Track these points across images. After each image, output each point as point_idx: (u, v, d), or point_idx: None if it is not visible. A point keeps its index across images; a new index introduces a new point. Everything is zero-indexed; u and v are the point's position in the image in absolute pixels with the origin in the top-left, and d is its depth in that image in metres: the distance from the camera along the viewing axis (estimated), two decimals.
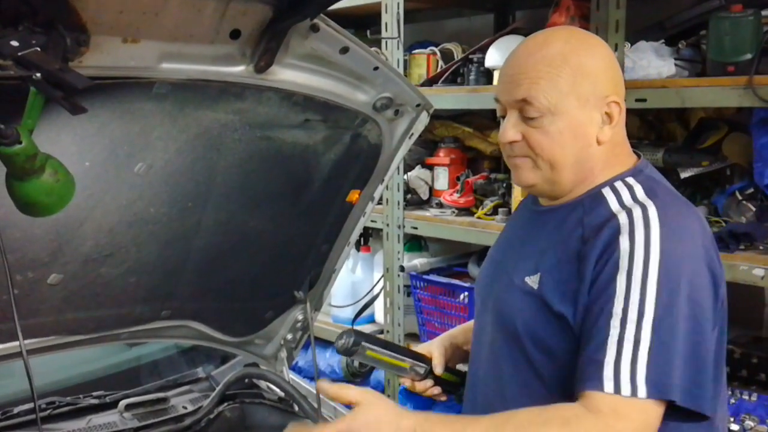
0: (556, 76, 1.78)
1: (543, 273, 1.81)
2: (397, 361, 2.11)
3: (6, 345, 2.23)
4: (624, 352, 1.63)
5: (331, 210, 2.53)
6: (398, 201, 4.07)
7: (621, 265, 1.67)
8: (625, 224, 1.72)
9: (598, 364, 1.64)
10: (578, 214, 1.83)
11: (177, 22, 1.65)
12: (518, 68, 1.83)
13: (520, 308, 1.84)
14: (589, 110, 1.80)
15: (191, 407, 2.67)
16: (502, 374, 1.90)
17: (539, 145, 1.81)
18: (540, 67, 1.79)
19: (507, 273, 1.93)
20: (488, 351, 1.97)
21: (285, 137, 2.19)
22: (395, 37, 3.91)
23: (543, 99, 1.78)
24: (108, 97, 1.79)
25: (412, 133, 2.42)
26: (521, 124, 1.82)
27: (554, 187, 1.87)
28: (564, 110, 1.78)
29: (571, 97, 1.78)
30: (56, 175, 1.58)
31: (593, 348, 1.66)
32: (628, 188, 1.82)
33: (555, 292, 1.77)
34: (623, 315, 1.65)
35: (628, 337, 1.63)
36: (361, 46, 2.01)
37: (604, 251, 1.71)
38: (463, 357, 2.24)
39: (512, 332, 1.85)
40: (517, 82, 1.81)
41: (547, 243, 1.86)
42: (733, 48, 2.89)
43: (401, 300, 4.16)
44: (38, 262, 2.10)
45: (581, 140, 1.82)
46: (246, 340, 2.83)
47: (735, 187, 3.19)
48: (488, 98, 3.66)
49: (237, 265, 2.51)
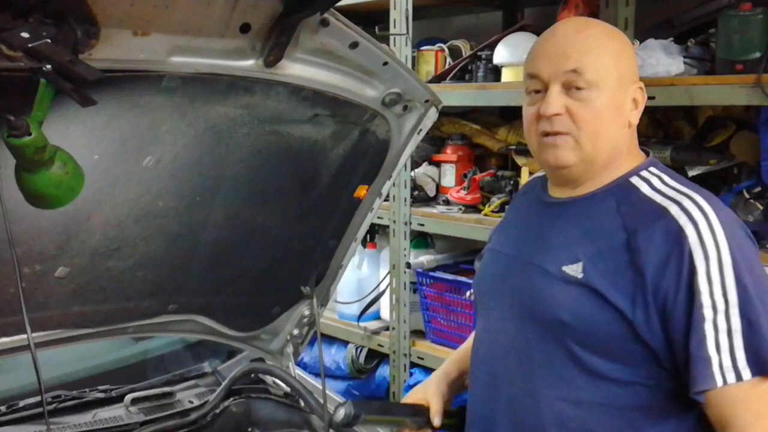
0: (603, 52, 1.81)
1: (585, 262, 1.79)
2: (395, 419, 2.14)
3: (13, 338, 2.24)
4: (721, 343, 1.66)
5: (338, 205, 2.53)
6: (405, 198, 4.06)
7: (696, 259, 1.68)
8: (681, 216, 1.72)
9: (705, 361, 1.67)
10: (610, 203, 1.83)
11: (187, 16, 1.65)
12: (565, 43, 1.84)
13: (563, 298, 1.81)
14: (625, 91, 1.84)
15: (197, 402, 2.67)
16: (533, 370, 1.87)
17: (584, 118, 1.80)
18: (589, 42, 1.82)
19: (533, 265, 1.90)
20: (512, 349, 1.92)
21: (294, 132, 2.19)
22: (404, 33, 3.90)
23: (593, 70, 1.79)
24: (117, 91, 1.79)
25: (421, 129, 2.41)
26: (565, 98, 1.81)
27: (588, 168, 1.85)
28: (608, 87, 1.80)
29: (614, 76, 1.81)
30: (65, 167, 1.59)
31: (695, 346, 1.68)
32: (656, 177, 1.84)
33: (604, 281, 1.76)
34: (713, 307, 1.67)
35: (722, 328, 1.66)
36: (370, 41, 2.01)
37: (671, 248, 1.70)
38: (461, 389, 2.24)
39: (552, 324, 1.82)
40: (566, 54, 1.81)
41: (580, 233, 1.85)
42: (742, 46, 2.88)
43: (407, 297, 4.15)
44: (46, 255, 2.10)
45: (619, 119, 1.84)
46: (252, 335, 2.84)
47: (742, 185, 3.17)
48: (496, 95, 3.67)
49: (244, 260, 2.51)
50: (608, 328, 1.75)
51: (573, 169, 1.86)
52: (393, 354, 4.22)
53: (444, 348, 3.94)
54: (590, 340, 1.78)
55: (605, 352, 1.77)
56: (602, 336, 1.76)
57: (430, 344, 4.11)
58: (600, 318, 1.75)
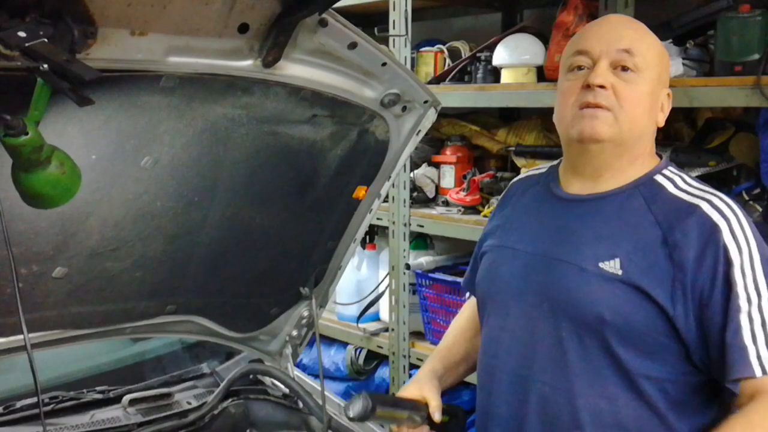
0: (651, 45, 1.92)
1: (622, 258, 1.82)
2: (397, 414, 2.12)
3: (10, 338, 2.23)
4: (757, 334, 1.73)
5: (337, 206, 2.52)
6: (404, 199, 4.06)
7: (732, 254, 1.75)
8: (714, 213, 1.79)
9: (742, 349, 1.73)
10: (638, 200, 1.87)
11: (185, 16, 1.65)
12: (619, 26, 1.94)
13: (602, 295, 1.83)
14: (659, 91, 1.92)
15: (195, 403, 2.66)
16: (567, 366, 1.87)
17: (628, 97, 1.86)
18: (642, 31, 1.93)
19: (564, 262, 1.90)
20: (540, 345, 1.92)
21: (292, 132, 2.18)
22: (403, 34, 3.90)
23: (642, 56, 1.87)
24: (115, 91, 1.79)
25: (420, 130, 2.41)
26: (612, 76, 1.86)
27: (615, 151, 1.89)
28: (650, 78, 1.88)
29: (656, 71, 1.90)
30: (62, 167, 1.58)
31: (731, 335, 1.73)
32: (678, 176, 1.91)
33: (643, 278, 1.79)
34: (748, 300, 1.74)
35: (756, 320, 1.73)
36: (369, 42, 2.00)
37: (707, 242, 1.76)
38: (445, 386, 2.22)
39: (590, 321, 1.83)
40: (620, 35, 1.90)
41: (611, 230, 1.87)
42: (741, 48, 2.89)
43: (406, 298, 4.15)
44: (43, 255, 2.09)
45: (653, 113, 1.91)
46: (251, 336, 2.83)
47: (741, 187, 3.18)
48: (495, 96, 3.68)
49: (243, 261, 2.51)
50: (647, 323, 1.79)
51: (604, 146, 1.88)
52: (392, 355, 4.22)
53: None
54: (627, 336, 1.81)
55: (640, 348, 1.81)
56: (640, 331, 1.80)
57: (429, 345, 4.10)
58: (639, 314, 1.80)
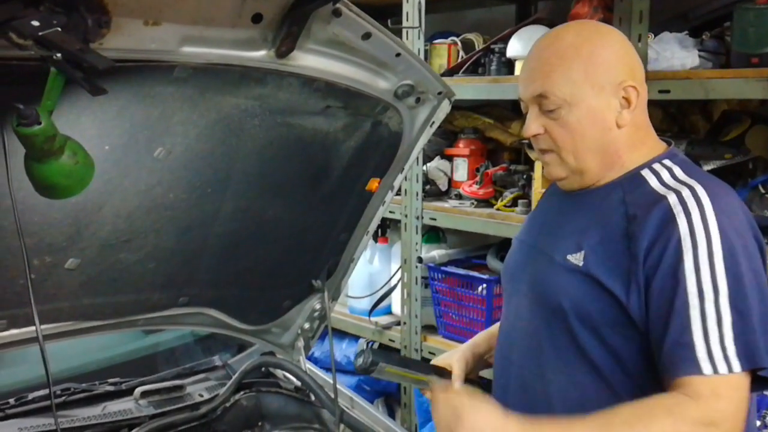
0: (568, 68, 1.85)
1: (587, 250, 1.86)
2: (416, 375, 2.17)
3: (22, 330, 2.23)
4: (710, 331, 1.68)
5: (350, 198, 2.52)
6: (417, 192, 4.04)
7: (684, 247, 1.72)
8: (677, 205, 1.76)
9: (688, 347, 1.68)
10: (618, 194, 1.88)
11: (198, 5, 1.65)
12: (533, 64, 1.92)
13: (564, 286, 1.88)
14: (606, 97, 1.86)
15: (207, 395, 2.66)
16: (541, 354, 1.94)
17: (560, 137, 1.88)
18: (553, 60, 1.87)
19: (544, 254, 1.98)
20: (524, 333, 2.00)
21: (305, 124, 2.18)
22: (416, 26, 3.89)
23: (558, 91, 1.85)
24: (128, 81, 1.78)
25: (433, 122, 2.41)
26: (542, 118, 1.90)
27: (584, 177, 1.93)
28: (580, 99, 1.85)
29: (586, 86, 1.85)
30: (75, 157, 1.58)
31: (676, 332, 1.70)
32: (667, 169, 1.88)
33: (602, 269, 1.82)
34: (700, 296, 1.69)
35: (710, 316, 1.68)
36: (383, 32, 2.00)
37: (660, 234, 1.75)
38: (485, 366, 2.31)
39: (556, 310, 1.89)
40: (532, 79, 1.90)
41: (587, 222, 1.91)
42: (758, 40, 2.86)
43: (419, 291, 4.14)
44: (56, 246, 2.09)
45: (600, 126, 1.88)
46: (263, 328, 2.83)
47: (758, 180, 3.16)
48: (509, 89, 3.65)
49: (255, 253, 2.50)
50: (605, 312, 1.82)
51: (569, 180, 1.96)
52: (404, 349, 4.20)
53: (456, 343, 3.91)
54: (589, 324, 1.84)
55: (603, 337, 1.83)
56: (599, 321, 1.83)
57: (441, 339, 4.09)
58: (596, 304, 1.82)
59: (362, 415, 2.67)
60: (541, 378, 1.94)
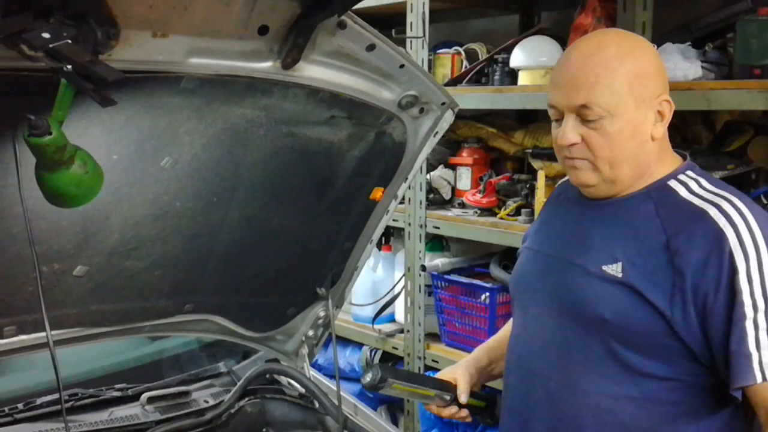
0: (614, 79, 1.83)
1: (624, 262, 1.85)
2: (423, 391, 2.19)
3: (31, 336, 2.26)
4: (761, 341, 1.73)
5: (354, 207, 2.53)
6: (420, 200, 4.06)
7: (737, 259, 1.73)
8: (720, 218, 1.78)
9: (745, 357, 1.73)
10: (648, 205, 1.89)
11: (206, 17, 1.67)
12: (575, 73, 1.87)
13: (604, 297, 1.87)
14: (645, 109, 1.86)
15: (212, 401, 2.68)
16: (571, 364, 1.94)
17: (599, 146, 1.86)
18: (598, 71, 1.83)
19: (574, 264, 1.96)
20: (549, 344, 1.99)
21: (310, 134, 2.20)
22: (420, 36, 3.90)
23: (603, 102, 1.82)
24: (136, 92, 1.81)
25: (437, 132, 2.42)
26: (580, 127, 1.87)
27: (613, 186, 1.92)
28: (622, 111, 1.84)
29: (629, 98, 1.84)
30: (85, 166, 1.60)
31: (736, 342, 1.73)
32: (694, 180, 1.89)
33: (643, 282, 1.82)
34: (753, 306, 1.72)
35: (762, 327, 1.72)
36: (387, 44, 2.02)
37: (712, 249, 1.76)
38: (488, 378, 2.32)
39: (593, 321, 1.88)
40: (576, 87, 1.85)
41: (618, 234, 1.90)
42: (760, 51, 2.87)
43: (422, 299, 4.15)
44: (64, 253, 2.12)
45: (638, 138, 1.87)
46: (268, 335, 2.85)
47: (760, 191, 3.16)
48: (512, 99, 3.67)
49: (260, 261, 2.52)
50: (646, 325, 1.82)
51: (598, 188, 1.93)
52: (407, 357, 4.21)
53: (459, 351, 3.93)
54: (629, 336, 1.85)
55: (642, 349, 1.84)
56: (640, 332, 1.83)
57: (444, 347, 4.10)
58: (638, 315, 1.82)
59: (365, 422, 2.68)
60: (570, 389, 1.93)
